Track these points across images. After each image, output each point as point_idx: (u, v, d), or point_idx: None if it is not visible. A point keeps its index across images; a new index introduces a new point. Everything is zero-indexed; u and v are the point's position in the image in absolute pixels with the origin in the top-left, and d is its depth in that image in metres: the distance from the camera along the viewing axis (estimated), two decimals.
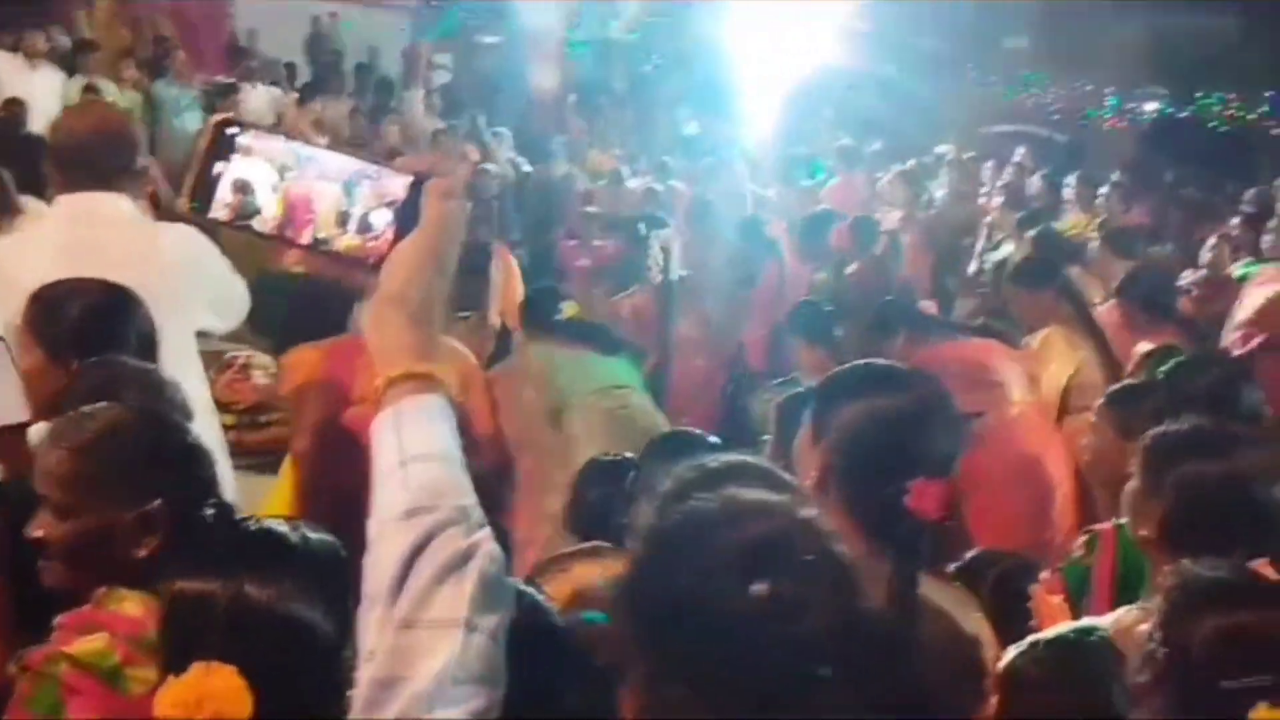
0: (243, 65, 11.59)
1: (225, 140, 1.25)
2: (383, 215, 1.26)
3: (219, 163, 1.25)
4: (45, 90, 9.27)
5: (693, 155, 11.37)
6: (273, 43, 13.03)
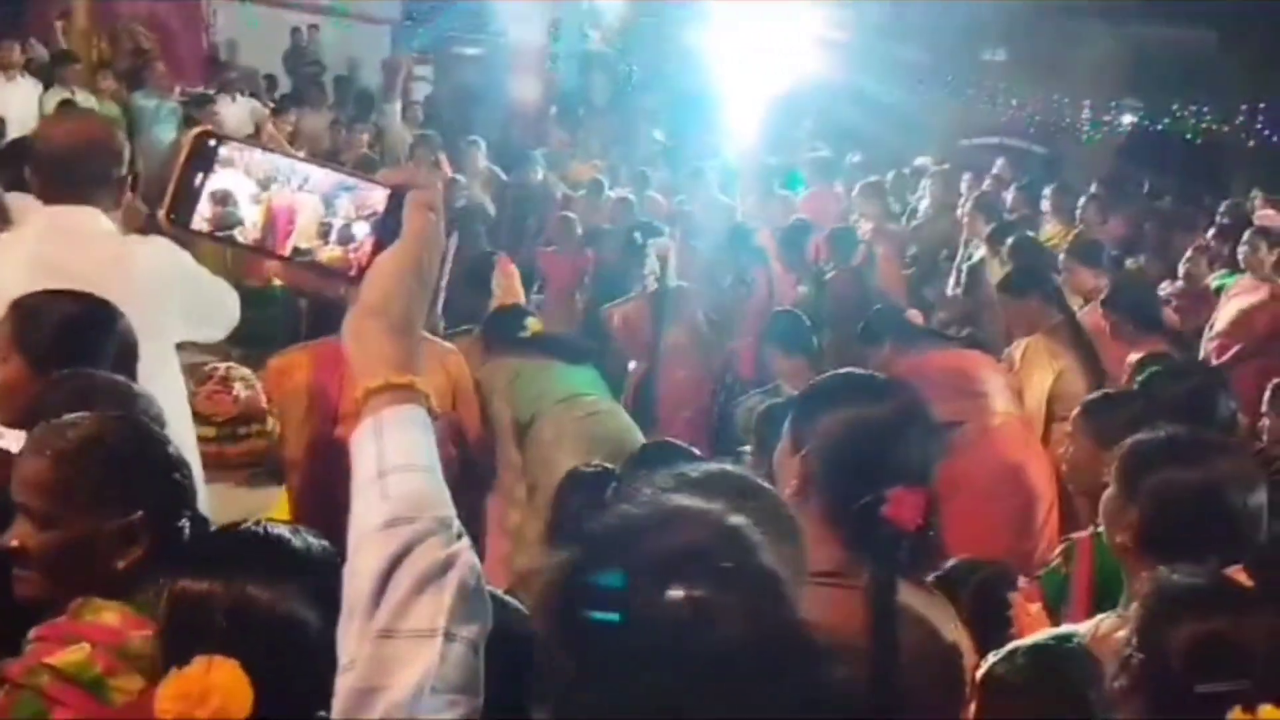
0: (221, 76, 11.58)
1: (206, 152, 1.25)
2: (363, 227, 1.26)
3: (199, 175, 1.25)
4: (22, 102, 9.22)
5: (674, 166, 11.40)
6: (252, 54, 13.02)
